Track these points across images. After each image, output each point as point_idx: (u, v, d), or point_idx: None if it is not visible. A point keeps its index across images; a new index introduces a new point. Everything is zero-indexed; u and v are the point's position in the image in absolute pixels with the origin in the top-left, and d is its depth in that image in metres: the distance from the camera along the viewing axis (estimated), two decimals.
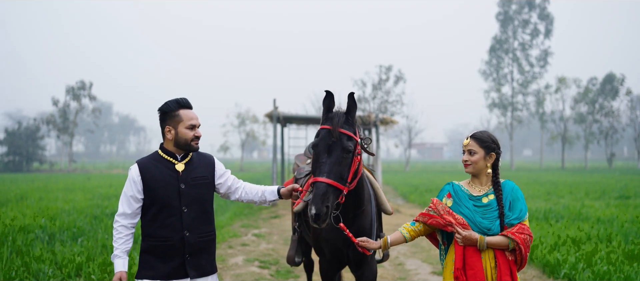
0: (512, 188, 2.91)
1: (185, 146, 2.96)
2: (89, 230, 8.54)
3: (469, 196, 2.92)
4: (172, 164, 2.96)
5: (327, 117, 3.03)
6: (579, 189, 18.78)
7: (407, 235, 3.00)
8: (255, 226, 10.63)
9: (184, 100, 2.99)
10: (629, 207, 12.30)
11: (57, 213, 10.48)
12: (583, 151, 50.25)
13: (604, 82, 46.63)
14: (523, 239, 2.78)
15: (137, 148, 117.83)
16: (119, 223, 2.90)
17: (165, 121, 2.96)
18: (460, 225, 2.83)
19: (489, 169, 2.94)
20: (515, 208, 2.85)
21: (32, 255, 6.43)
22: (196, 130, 2.97)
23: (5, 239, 7.30)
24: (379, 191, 3.69)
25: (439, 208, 2.91)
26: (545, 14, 51.48)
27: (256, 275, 6.50)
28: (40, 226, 8.60)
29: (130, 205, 2.90)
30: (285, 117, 15.40)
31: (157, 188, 2.89)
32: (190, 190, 2.95)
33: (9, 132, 45.00)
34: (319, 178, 2.84)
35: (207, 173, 3.05)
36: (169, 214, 2.90)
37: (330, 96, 3.06)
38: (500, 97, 51.34)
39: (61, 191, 17.54)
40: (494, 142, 2.95)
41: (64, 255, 6.54)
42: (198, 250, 2.96)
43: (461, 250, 2.83)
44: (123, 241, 2.89)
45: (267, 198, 3.20)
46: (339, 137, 2.92)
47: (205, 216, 3.02)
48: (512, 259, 2.83)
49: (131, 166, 2.95)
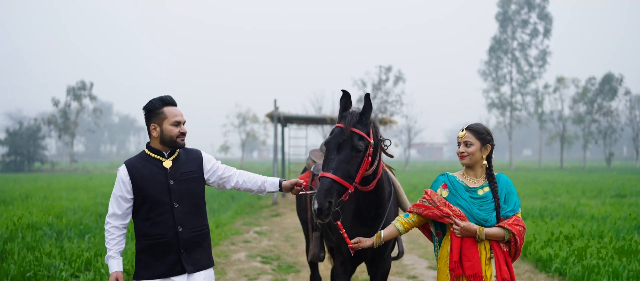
0: (506, 181, 2.96)
1: (170, 142, 2.98)
2: (94, 228, 8.77)
3: (465, 187, 2.93)
4: (159, 162, 2.98)
5: (342, 116, 3.09)
6: (576, 188, 19.00)
7: (401, 227, 3.01)
8: (257, 224, 10.85)
9: (168, 97, 3.02)
10: (623, 205, 12.51)
11: (62, 211, 10.71)
12: (582, 151, 50.39)
13: (603, 82, 46.83)
14: (518, 230, 2.84)
15: (137, 147, 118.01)
16: (111, 224, 2.93)
17: (151, 119, 2.98)
18: (457, 216, 2.84)
19: (484, 161, 2.96)
20: (510, 201, 2.90)
21: (42, 251, 6.66)
22: (181, 126, 3.00)
23: (15, 236, 7.54)
24: (399, 189, 3.72)
25: (434, 199, 2.92)
26: (545, 14, 51.70)
27: (258, 270, 6.73)
28: (47, 223, 8.83)
29: (120, 206, 2.93)
30: (285, 117, 15.63)
31: (146, 186, 2.91)
32: (180, 186, 2.97)
33: (10, 133, 45.27)
34: (325, 173, 2.91)
35: (196, 167, 3.07)
36: (161, 212, 2.92)
37: (347, 95, 3.13)
38: (500, 97, 51.56)
39: (64, 190, 17.77)
40: (489, 134, 2.97)
41: (73, 251, 6.77)
42: (192, 244, 2.98)
43: (458, 242, 2.83)
44: (116, 242, 2.92)
45: (266, 188, 3.20)
46: (350, 135, 2.97)
47: (197, 210, 3.03)
48: (507, 251, 2.88)
49: (119, 167, 2.99)
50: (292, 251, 8.02)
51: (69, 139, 49.29)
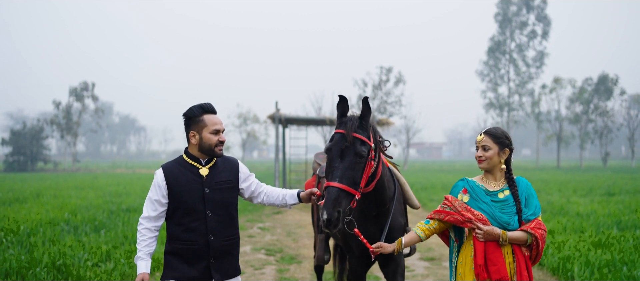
0: (526, 184, 2.95)
1: (209, 151, 2.98)
2: (108, 223, 9.36)
3: (486, 191, 2.92)
4: (196, 169, 2.98)
5: (341, 122, 3.04)
6: (568, 186, 19.58)
7: (422, 234, 3.00)
8: (260, 221, 11.42)
9: (208, 105, 3.03)
10: (610, 203, 13.08)
11: (76, 209, 11.29)
12: (579, 151, 50.96)
13: (598, 83, 47.42)
14: (541, 234, 2.83)
15: (138, 147, 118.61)
16: (143, 225, 2.94)
17: (190, 127, 2.99)
18: (480, 221, 2.83)
19: (502, 165, 2.94)
20: (531, 204, 2.89)
21: (64, 244, 7.25)
22: (220, 135, 3.00)
23: (36, 231, 8.14)
24: (405, 186, 3.70)
25: (455, 205, 2.91)
26: (543, 16, 52.27)
27: (263, 261, 7.31)
28: (64, 220, 9.41)
29: (154, 209, 2.94)
30: (286, 118, 16.18)
31: (181, 192, 2.93)
32: (215, 194, 2.97)
33: (14, 132, 45.84)
34: (331, 182, 2.86)
35: (232, 176, 3.08)
36: (194, 219, 2.93)
37: (344, 100, 3.07)
38: (497, 97, 52.16)
39: (72, 189, 18.35)
40: (507, 138, 2.95)
41: (92, 244, 7.36)
42: (222, 253, 2.99)
43: (482, 246, 2.81)
44: (146, 244, 2.93)
45: (287, 202, 3.21)
46: (353, 141, 2.94)
47: (229, 220, 3.03)
48: (528, 254, 2.88)
49: (156, 171, 3.00)
50: (294, 245, 8.59)
51: (72, 139, 49.93)
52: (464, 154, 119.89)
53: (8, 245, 7.04)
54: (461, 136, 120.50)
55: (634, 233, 8.29)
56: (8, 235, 7.61)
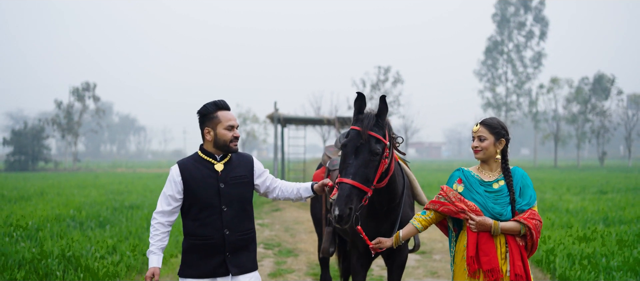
0: (522, 174, 2.95)
1: (224, 147, 3.02)
2: (112, 219, 9.70)
3: (480, 181, 2.94)
4: (211, 165, 3.03)
5: (358, 119, 3.05)
6: (562, 185, 19.93)
7: (419, 225, 3.04)
8: (258, 217, 11.74)
9: (222, 102, 3.07)
10: (601, 200, 13.42)
11: (80, 206, 11.63)
12: (577, 150, 51.32)
13: (595, 82, 47.78)
14: (534, 224, 2.83)
15: (138, 147, 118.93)
16: (157, 220, 2.99)
17: (204, 123, 3.04)
18: (472, 211, 2.85)
19: (498, 155, 2.95)
20: (526, 195, 2.89)
21: (71, 237, 7.59)
22: (235, 131, 3.04)
23: (44, 226, 8.48)
24: (414, 182, 3.73)
25: (450, 195, 2.94)
26: (541, 16, 52.61)
27: (262, 254, 7.64)
28: (69, 216, 9.75)
29: (168, 203, 2.99)
30: (285, 118, 16.51)
31: (197, 188, 2.97)
32: (230, 189, 3.02)
33: (15, 132, 46.18)
34: (344, 179, 2.90)
35: (246, 172, 3.13)
36: (209, 214, 2.97)
37: (362, 97, 3.08)
38: (495, 97, 52.52)
39: (75, 187, 18.70)
40: (503, 128, 2.95)
41: (98, 238, 7.70)
42: (238, 248, 3.03)
43: (474, 237, 2.84)
44: (159, 239, 2.98)
45: (302, 195, 3.26)
46: (368, 139, 2.95)
47: (245, 214, 3.08)
48: (523, 244, 2.88)
49: (172, 167, 3.05)
50: (291, 240, 8.92)
51: (72, 139, 50.26)
52: (463, 154, 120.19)
53: (18, 238, 7.37)
54: (460, 135, 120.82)
55: (618, 228, 8.64)
56: (17, 230, 7.95)
